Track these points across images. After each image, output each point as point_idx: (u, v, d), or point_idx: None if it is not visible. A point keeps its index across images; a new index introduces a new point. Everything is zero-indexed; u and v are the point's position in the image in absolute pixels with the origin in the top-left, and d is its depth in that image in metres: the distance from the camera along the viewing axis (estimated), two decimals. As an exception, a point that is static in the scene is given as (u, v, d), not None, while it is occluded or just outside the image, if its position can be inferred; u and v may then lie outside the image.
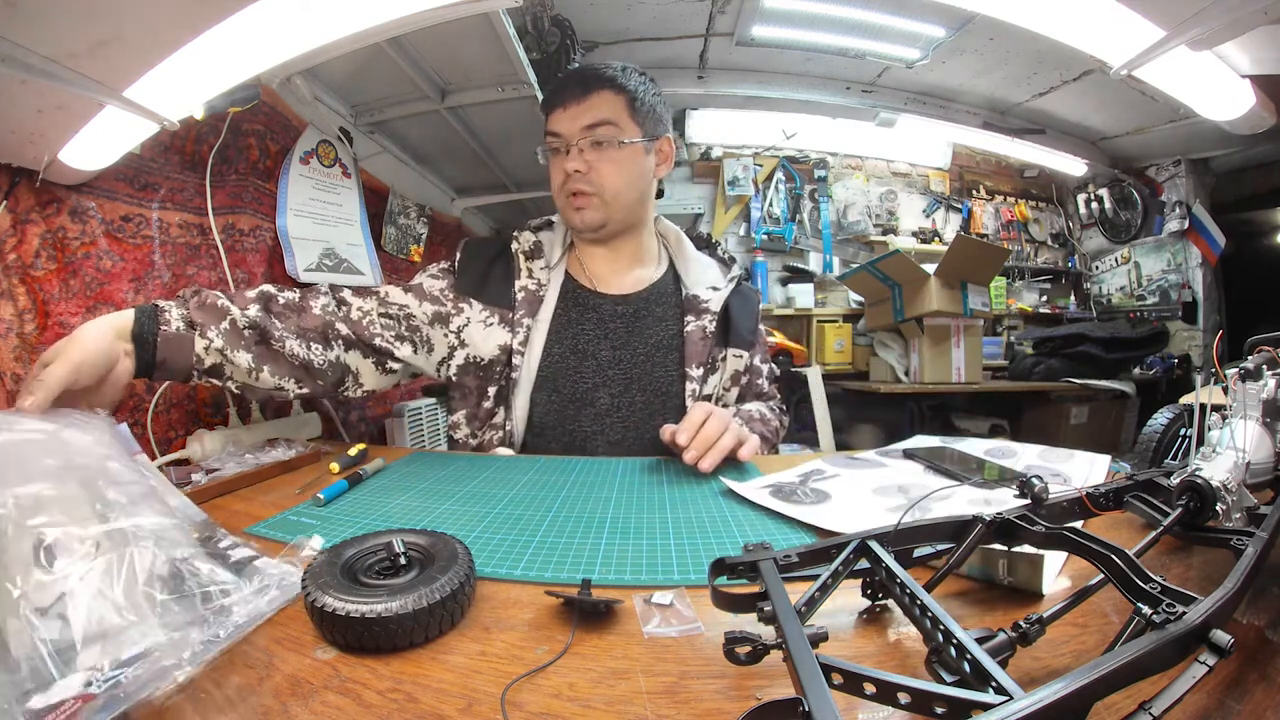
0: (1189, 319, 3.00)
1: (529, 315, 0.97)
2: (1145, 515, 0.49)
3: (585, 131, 0.94)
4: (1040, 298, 3.47)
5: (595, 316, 1.00)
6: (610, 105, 0.94)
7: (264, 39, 0.72)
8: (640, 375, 0.99)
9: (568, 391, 0.98)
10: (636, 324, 1.01)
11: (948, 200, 3.40)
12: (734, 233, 3.19)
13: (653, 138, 0.99)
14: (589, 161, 0.95)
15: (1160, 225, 3.05)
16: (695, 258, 1.10)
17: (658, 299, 1.04)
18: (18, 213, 0.80)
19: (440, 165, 1.98)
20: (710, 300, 1.02)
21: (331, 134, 1.42)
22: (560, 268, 1.04)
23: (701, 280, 1.06)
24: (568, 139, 0.95)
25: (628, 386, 0.99)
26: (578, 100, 0.94)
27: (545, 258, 1.03)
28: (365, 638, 0.38)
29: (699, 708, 0.34)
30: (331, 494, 0.72)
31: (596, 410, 0.98)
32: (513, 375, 0.96)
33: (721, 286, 1.04)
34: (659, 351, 1.00)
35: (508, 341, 0.97)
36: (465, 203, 2.24)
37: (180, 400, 1.02)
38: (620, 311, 1.01)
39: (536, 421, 0.98)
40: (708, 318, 1.01)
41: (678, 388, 1.00)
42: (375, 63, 1.30)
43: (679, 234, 1.12)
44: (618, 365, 0.99)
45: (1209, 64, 0.86)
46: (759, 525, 0.61)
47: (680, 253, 1.10)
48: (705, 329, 1.00)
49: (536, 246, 1.03)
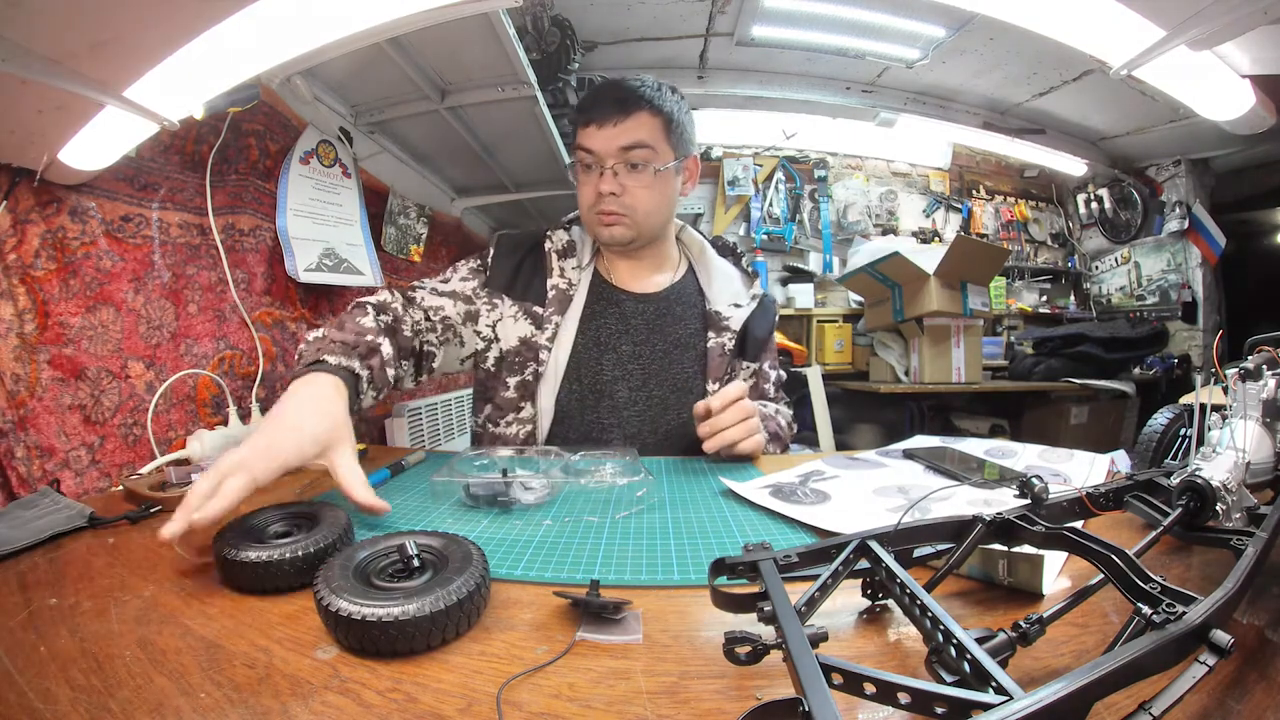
0: (1189, 319, 2.99)
1: (559, 313, 1.00)
2: (1145, 515, 0.49)
3: (621, 153, 0.94)
4: (1040, 298, 3.47)
5: (618, 312, 1.03)
6: (648, 128, 0.94)
7: (264, 39, 0.72)
8: (658, 371, 1.02)
9: (588, 382, 1.00)
10: (657, 322, 1.04)
11: (948, 200, 3.40)
12: (734, 233, 3.19)
13: (683, 157, 1.01)
14: (623, 184, 0.95)
15: (1160, 225, 3.05)
16: (718, 267, 1.12)
17: (678, 300, 1.07)
18: (18, 213, 0.80)
19: (440, 165, 1.98)
20: (732, 319, 1.05)
21: (331, 134, 1.42)
22: (590, 267, 1.07)
23: (724, 293, 1.08)
24: (602, 158, 0.95)
25: (645, 381, 1.01)
26: (615, 120, 0.93)
27: (577, 257, 1.05)
28: (381, 641, 0.38)
29: (699, 708, 0.34)
30: (375, 481, 0.74)
31: (614, 402, 1.00)
32: (540, 370, 0.98)
33: (744, 303, 1.07)
34: (676, 349, 1.03)
35: (529, 335, 0.99)
36: (465, 203, 2.24)
37: (180, 400, 1.02)
38: (642, 310, 1.04)
39: (559, 411, 1.00)
40: (728, 335, 1.04)
41: (695, 385, 1.03)
42: (375, 63, 1.30)
43: (703, 244, 1.14)
44: (637, 360, 1.02)
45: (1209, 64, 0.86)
46: (759, 525, 0.61)
47: (703, 262, 1.12)
48: (725, 346, 1.03)
49: (570, 245, 1.06)
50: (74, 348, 0.86)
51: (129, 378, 0.94)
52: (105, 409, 0.89)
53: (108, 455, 0.89)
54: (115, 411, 0.91)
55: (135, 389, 0.94)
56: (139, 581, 0.50)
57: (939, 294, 2.59)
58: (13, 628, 0.42)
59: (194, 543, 0.53)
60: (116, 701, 0.34)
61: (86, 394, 0.87)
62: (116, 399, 0.91)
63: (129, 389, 0.93)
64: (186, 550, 0.53)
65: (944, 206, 3.39)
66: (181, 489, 0.72)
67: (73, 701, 0.34)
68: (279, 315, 1.31)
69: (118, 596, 0.47)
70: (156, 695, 0.35)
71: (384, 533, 0.49)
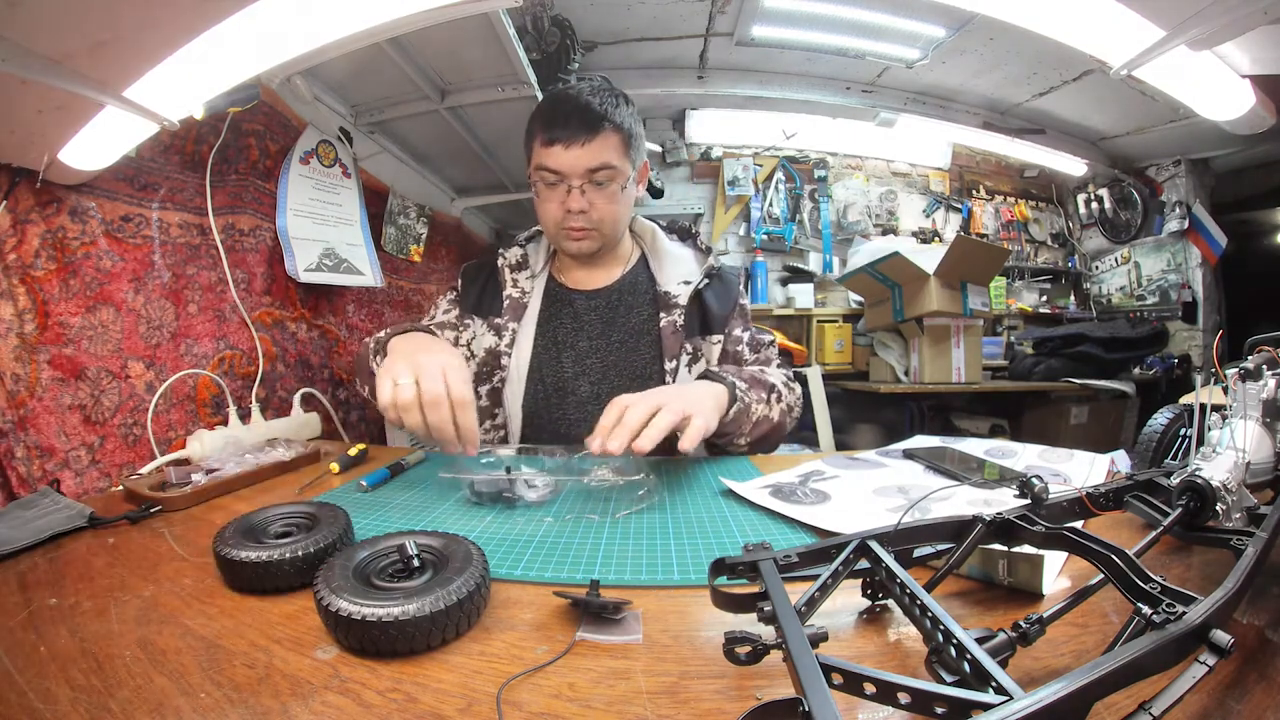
0: (1189, 319, 2.99)
1: (514, 320, 1.05)
2: (1145, 515, 0.49)
3: (587, 173, 0.95)
4: (1040, 298, 3.47)
5: (571, 311, 1.07)
6: (612, 147, 0.96)
7: (264, 39, 0.72)
8: (617, 362, 1.04)
9: (551, 382, 1.03)
10: (610, 315, 1.07)
11: (948, 200, 3.40)
12: (734, 233, 3.19)
13: (638, 165, 1.03)
14: (590, 201, 0.97)
15: (1160, 225, 3.05)
16: (668, 251, 1.12)
17: (630, 290, 1.09)
18: (18, 213, 0.80)
19: (440, 165, 1.98)
20: (680, 295, 1.05)
21: (331, 134, 1.42)
22: (544, 275, 1.11)
23: (674, 275, 1.08)
24: (568, 178, 0.96)
25: (605, 374, 1.04)
26: (582, 141, 0.93)
27: (530, 268, 1.10)
28: (381, 641, 0.38)
29: (699, 708, 0.34)
30: (374, 481, 0.75)
31: (579, 398, 1.03)
32: (504, 375, 1.03)
33: (694, 279, 1.07)
34: (632, 338, 1.05)
35: (494, 345, 1.04)
36: (465, 203, 2.24)
37: (180, 400, 1.02)
38: (594, 304, 1.07)
39: (527, 414, 1.04)
40: (677, 312, 1.04)
41: (654, 369, 1.04)
42: (375, 63, 1.30)
43: (654, 230, 1.16)
44: (595, 354, 1.04)
45: (1209, 64, 0.86)
46: (759, 525, 0.61)
47: (654, 249, 1.13)
48: (675, 323, 1.03)
49: (523, 259, 1.11)
50: (74, 348, 0.86)
51: (129, 378, 0.94)
52: (105, 409, 0.89)
53: (108, 455, 0.89)
54: (115, 411, 0.91)
55: (135, 389, 0.94)
56: (139, 581, 0.50)
57: (939, 294, 2.59)
58: (13, 628, 0.42)
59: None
60: (116, 701, 0.34)
61: (86, 394, 0.87)
62: (116, 399, 0.91)
63: (129, 389, 0.93)
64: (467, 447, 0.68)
65: (944, 206, 3.39)
66: (181, 489, 0.72)
67: (73, 701, 0.34)
68: (279, 315, 1.31)
69: (118, 596, 0.47)
70: (156, 695, 0.35)
71: (384, 533, 0.49)
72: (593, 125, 0.94)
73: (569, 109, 0.95)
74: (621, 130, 0.96)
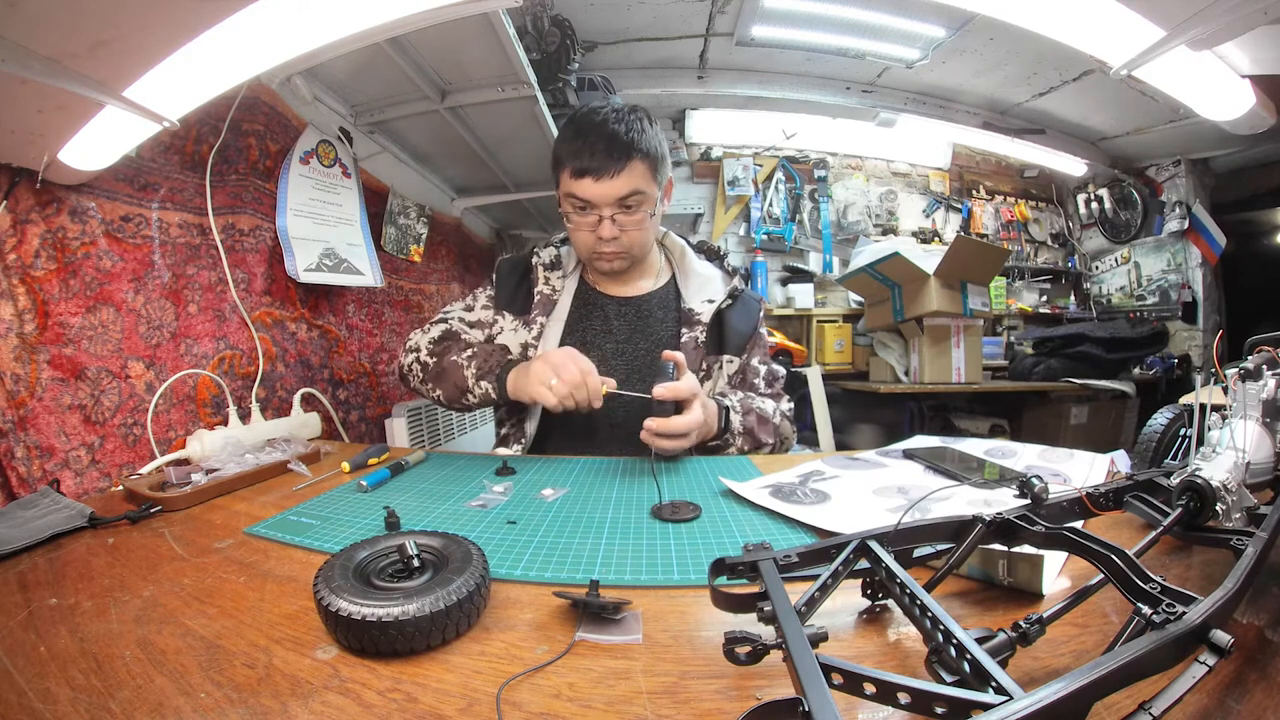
0: (1189, 319, 2.99)
1: (544, 314, 1.08)
2: (1145, 515, 0.49)
3: (618, 202, 0.97)
4: (1040, 298, 3.47)
5: (601, 314, 1.10)
6: (641, 175, 0.96)
7: (264, 39, 0.72)
8: (640, 368, 1.07)
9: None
10: (639, 324, 1.10)
11: (948, 200, 3.40)
12: (734, 233, 3.19)
13: (665, 183, 1.05)
14: (622, 227, 0.99)
15: (1160, 225, 3.05)
16: (697, 271, 1.16)
17: (659, 304, 1.13)
18: (18, 213, 0.80)
19: (440, 165, 1.98)
20: (703, 313, 1.09)
21: (331, 134, 1.42)
22: (575, 275, 1.14)
23: (700, 293, 1.12)
24: (599, 208, 0.97)
25: (629, 378, 1.05)
26: (611, 174, 0.94)
27: (563, 268, 1.13)
28: (381, 641, 0.38)
29: (699, 708, 0.34)
30: (374, 481, 0.75)
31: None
32: None
33: (717, 299, 1.10)
34: (658, 348, 1.07)
35: (525, 340, 1.06)
36: (465, 203, 2.24)
37: (180, 400, 1.02)
38: (624, 312, 1.11)
39: (545, 409, 1.04)
40: (699, 329, 1.08)
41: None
42: (375, 63, 1.30)
43: (684, 248, 1.18)
44: (620, 358, 1.07)
45: (1209, 64, 0.86)
46: (759, 525, 0.61)
47: (683, 266, 1.16)
48: (697, 339, 1.07)
49: (556, 259, 1.13)
50: (74, 348, 0.86)
51: (129, 378, 0.94)
52: (105, 409, 0.89)
53: (108, 455, 0.89)
54: (115, 411, 0.91)
55: (135, 389, 0.94)
56: (139, 581, 0.50)
57: (939, 294, 2.59)
58: (13, 628, 0.42)
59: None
60: (116, 701, 0.34)
61: (86, 394, 0.87)
62: (116, 399, 0.91)
63: (129, 389, 0.93)
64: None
65: (944, 206, 3.39)
66: (181, 489, 0.72)
67: (73, 701, 0.34)
68: (279, 315, 1.31)
69: (118, 596, 0.47)
70: (156, 695, 0.35)
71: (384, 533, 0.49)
72: (621, 156, 0.94)
73: (596, 140, 0.94)
74: (649, 157, 0.97)
